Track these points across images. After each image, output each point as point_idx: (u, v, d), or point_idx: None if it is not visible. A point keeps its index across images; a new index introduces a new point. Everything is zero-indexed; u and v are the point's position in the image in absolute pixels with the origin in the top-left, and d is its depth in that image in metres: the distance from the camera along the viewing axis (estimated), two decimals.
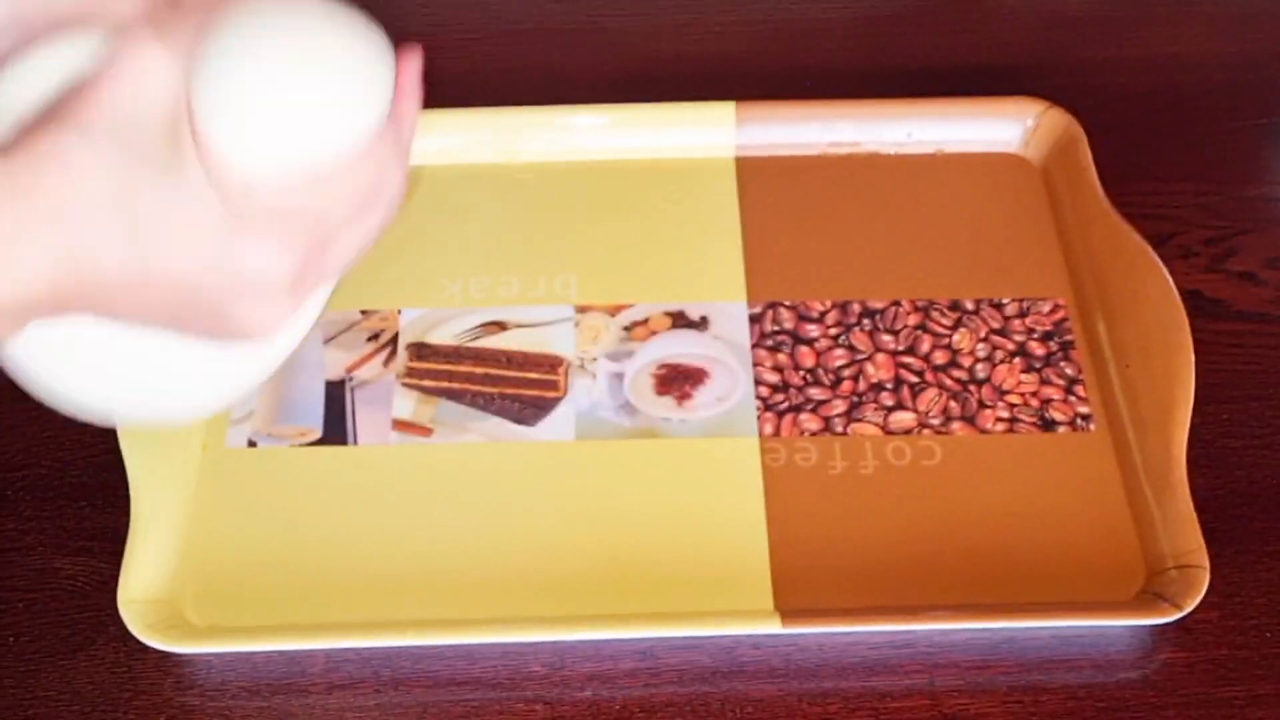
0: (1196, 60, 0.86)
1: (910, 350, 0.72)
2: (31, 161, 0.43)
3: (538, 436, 0.69)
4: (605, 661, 0.62)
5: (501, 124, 0.79)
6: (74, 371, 0.50)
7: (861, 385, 0.71)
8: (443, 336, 0.72)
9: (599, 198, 0.78)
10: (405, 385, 0.70)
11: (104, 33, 0.46)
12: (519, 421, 0.69)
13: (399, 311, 0.73)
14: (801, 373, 0.71)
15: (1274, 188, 0.80)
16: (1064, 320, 0.73)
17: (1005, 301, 0.73)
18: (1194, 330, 0.68)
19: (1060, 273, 0.75)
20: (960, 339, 0.72)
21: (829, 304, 0.73)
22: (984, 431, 0.69)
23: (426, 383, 0.71)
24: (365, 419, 0.69)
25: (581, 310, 0.73)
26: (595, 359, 0.71)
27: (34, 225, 0.43)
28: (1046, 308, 0.73)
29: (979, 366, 0.71)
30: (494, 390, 0.70)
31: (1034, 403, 0.70)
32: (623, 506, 0.67)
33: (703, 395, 0.70)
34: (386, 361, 0.71)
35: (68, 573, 0.64)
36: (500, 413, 0.69)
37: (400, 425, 0.69)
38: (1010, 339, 0.72)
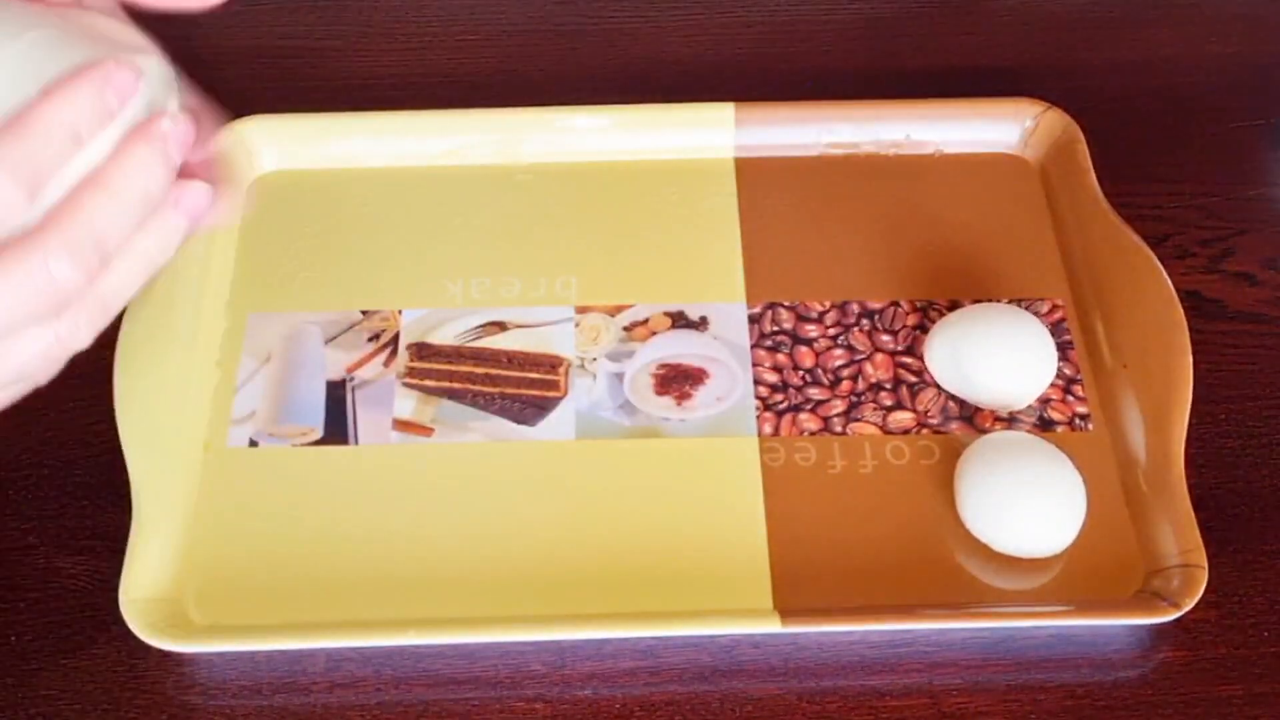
0: (1195, 61, 0.86)
1: (909, 350, 0.72)
2: None
3: (538, 436, 0.69)
4: (605, 660, 0.62)
5: (502, 125, 0.79)
6: None
7: (860, 385, 0.71)
8: (444, 337, 0.72)
9: (599, 198, 0.78)
10: (406, 385, 0.70)
11: None
12: (519, 421, 0.69)
13: (400, 312, 0.73)
14: (801, 373, 0.71)
15: (1272, 189, 0.80)
16: (1062, 320, 0.73)
17: (1004, 302, 0.73)
18: (1192, 330, 0.68)
19: (1058, 273, 0.75)
20: None
21: (828, 304, 0.73)
22: (983, 431, 0.69)
23: (427, 383, 0.71)
24: (366, 419, 0.69)
25: (581, 311, 0.73)
26: (595, 359, 0.71)
27: None
28: (1045, 308, 0.73)
29: None
30: (494, 390, 0.70)
31: (1032, 403, 0.70)
32: (623, 506, 0.67)
33: (702, 395, 0.70)
34: (387, 362, 0.71)
35: (69, 572, 0.64)
36: (501, 412, 0.70)
37: (401, 425, 0.69)
38: None
